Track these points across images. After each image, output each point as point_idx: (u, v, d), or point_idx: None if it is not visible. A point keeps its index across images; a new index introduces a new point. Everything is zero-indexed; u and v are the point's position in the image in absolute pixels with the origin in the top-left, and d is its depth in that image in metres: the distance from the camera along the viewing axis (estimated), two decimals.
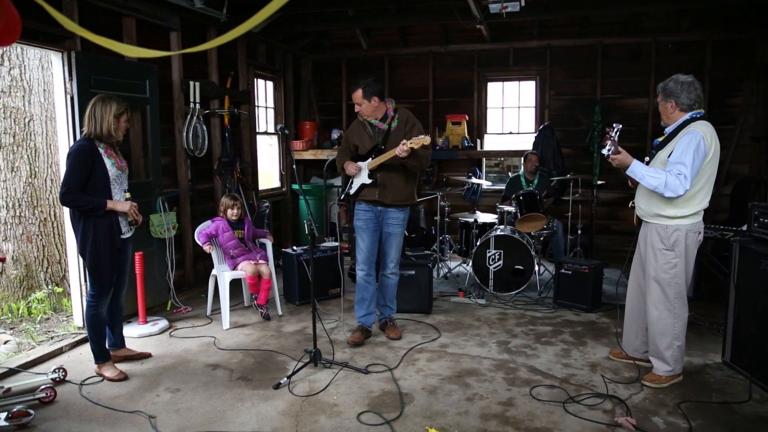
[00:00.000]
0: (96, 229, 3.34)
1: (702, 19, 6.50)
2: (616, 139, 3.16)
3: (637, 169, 3.18)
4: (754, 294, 3.39)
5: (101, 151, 3.35)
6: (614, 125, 3.20)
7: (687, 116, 3.23)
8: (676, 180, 3.05)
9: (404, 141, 3.67)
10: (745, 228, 3.93)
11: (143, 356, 3.84)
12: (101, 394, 3.30)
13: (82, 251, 3.40)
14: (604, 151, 3.18)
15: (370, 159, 3.96)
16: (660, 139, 3.38)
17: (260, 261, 4.64)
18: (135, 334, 4.23)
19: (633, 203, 3.56)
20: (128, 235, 3.55)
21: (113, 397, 3.27)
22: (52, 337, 4.16)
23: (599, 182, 6.22)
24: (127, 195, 3.46)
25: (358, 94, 3.89)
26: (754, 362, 3.35)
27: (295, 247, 5.22)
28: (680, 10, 6.39)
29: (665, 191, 3.09)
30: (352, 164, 4.00)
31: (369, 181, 3.97)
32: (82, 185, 3.27)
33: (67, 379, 3.46)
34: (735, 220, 5.76)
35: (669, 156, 3.16)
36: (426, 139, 3.66)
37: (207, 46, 1.96)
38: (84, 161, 3.27)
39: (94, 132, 3.32)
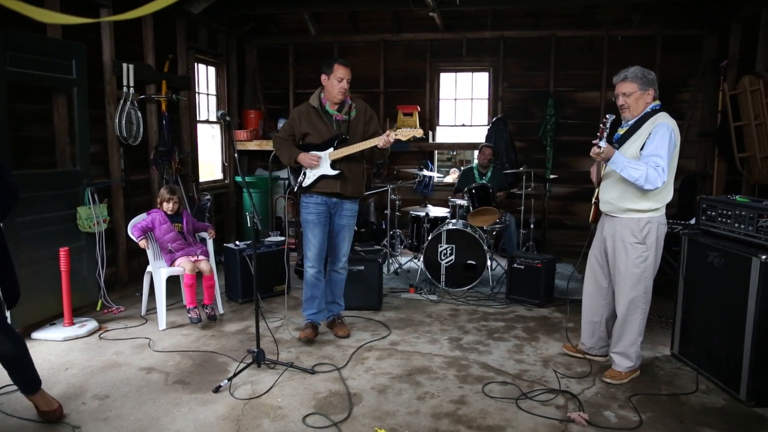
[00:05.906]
0: None
1: (653, 15, 6.60)
2: (608, 130, 3.11)
3: (619, 161, 3.11)
4: (701, 286, 3.41)
5: None
6: (607, 116, 3.14)
7: (650, 107, 3.22)
8: (655, 172, 3.03)
9: (389, 132, 3.69)
10: (693, 221, 3.96)
11: (54, 412, 2.87)
12: (18, 404, 2.99)
13: None
14: (602, 143, 3.09)
15: (331, 149, 3.75)
16: (621, 132, 3.32)
17: (200, 257, 4.36)
18: (59, 336, 3.89)
19: (596, 199, 3.49)
20: None
21: (32, 407, 2.94)
22: None
23: (552, 176, 6.23)
24: None
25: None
26: (701, 354, 3.39)
27: (237, 242, 4.97)
28: (631, 4, 6.44)
29: (645, 183, 3.05)
30: (309, 155, 3.75)
31: (333, 173, 3.76)
32: None
33: None
34: (683, 214, 5.87)
35: (641, 149, 3.12)
36: (419, 132, 3.72)
37: (141, 12, 1.73)
38: None
39: None
